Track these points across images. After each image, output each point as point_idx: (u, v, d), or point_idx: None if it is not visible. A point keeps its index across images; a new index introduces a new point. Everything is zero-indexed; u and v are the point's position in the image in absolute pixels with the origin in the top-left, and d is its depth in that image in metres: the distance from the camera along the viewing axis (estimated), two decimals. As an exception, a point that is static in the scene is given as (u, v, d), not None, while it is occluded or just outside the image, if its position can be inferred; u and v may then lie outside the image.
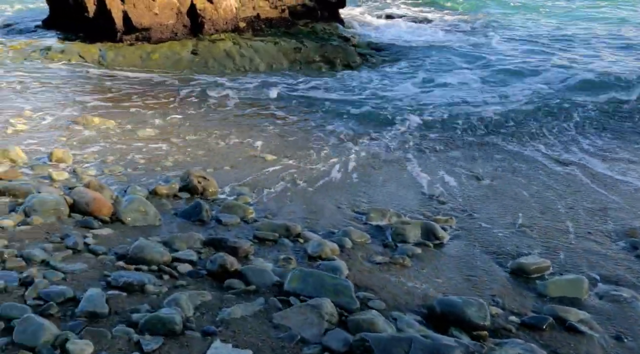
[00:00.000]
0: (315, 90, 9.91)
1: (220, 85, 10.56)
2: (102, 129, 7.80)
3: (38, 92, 9.71)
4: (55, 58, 11.86)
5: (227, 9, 12.59)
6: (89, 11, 12.34)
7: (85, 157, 6.60)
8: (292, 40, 12.30)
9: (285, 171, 6.53)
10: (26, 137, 7.32)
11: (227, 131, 7.98)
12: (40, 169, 6.12)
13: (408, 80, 10.44)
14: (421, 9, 18.90)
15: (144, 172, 6.24)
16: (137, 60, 11.74)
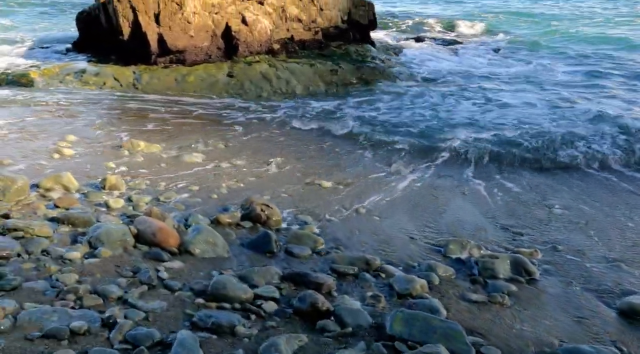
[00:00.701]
0: (364, 112, 9.72)
1: (262, 107, 10.43)
2: (149, 154, 7.65)
3: (78, 116, 9.63)
4: (90, 81, 11.83)
5: (262, 31, 12.54)
6: (123, 34, 12.34)
7: (138, 184, 6.42)
8: (327, 62, 12.20)
9: (344, 197, 6.30)
10: (74, 163, 7.17)
11: (275, 155, 7.78)
12: (94, 196, 5.95)
13: (462, 101, 10.22)
14: (446, 31, 18.84)
15: (200, 200, 6.03)
16: (172, 83, 11.67)
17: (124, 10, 12.22)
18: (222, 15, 12.49)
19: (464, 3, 28.55)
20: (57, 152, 7.44)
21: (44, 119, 9.27)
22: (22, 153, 7.38)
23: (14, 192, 5.73)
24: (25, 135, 8.27)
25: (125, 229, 4.70)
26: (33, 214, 5.44)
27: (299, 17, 13.27)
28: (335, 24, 13.84)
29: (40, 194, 5.94)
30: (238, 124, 9.42)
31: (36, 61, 13.73)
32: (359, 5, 14.54)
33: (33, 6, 23.51)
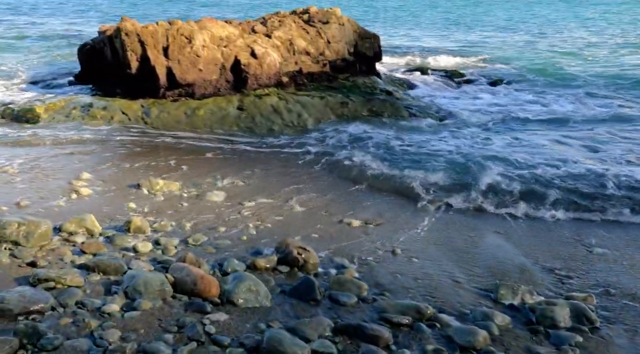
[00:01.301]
0: (384, 146, 9.65)
1: (276, 141, 10.31)
2: (168, 193, 7.45)
3: (90, 152, 9.44)
4: (98, 115, 11.66)
5: (271, 64, 12.53)
6: (131, 68, 12.25)
7: (163, 226, 6.21)
8: (338, 95, 12.17)
9: (376, 237, 6.14)
10: (93, 203, 6.96)
11: (297, 193, 7.62)
12: (120, 240, 5.73)
13: (486, 136, 10.12)
14: (447, 62, 19.02)
15: (230, 243, 5.83)
16: (182, 116, 11.55)
17: (132, 44, 12.16)
18: (231, 48, 12.48)
19: (452, 34, 29.03)
20: (75, 192, 7.23)
21: (56, 156, 9.07)
22: (38, 193, 7.17)
23: (38, 237, 5.51)
24: (38, 174, 8.06)
25: (163, 278, 4.49)
26: (59, 261, 5.22)
27: (307, 50, 13.30)
28: (343, 57, 13.89)
29: (63, 239, 5.72)
30: (254, 160, 9.27)
31: (39, 95, 13.58)
32: (365, 37, 14.63)
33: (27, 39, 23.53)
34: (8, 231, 5.45)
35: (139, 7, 42.53)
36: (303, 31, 13.81)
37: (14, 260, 5.12)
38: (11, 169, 8.14)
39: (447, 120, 11.79)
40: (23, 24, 29.18)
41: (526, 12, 42.66)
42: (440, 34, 28.84)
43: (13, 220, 5.53)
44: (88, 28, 28.20)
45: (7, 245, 5.41)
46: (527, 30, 30.93)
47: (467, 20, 36.33)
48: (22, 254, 5.22)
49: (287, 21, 14.31)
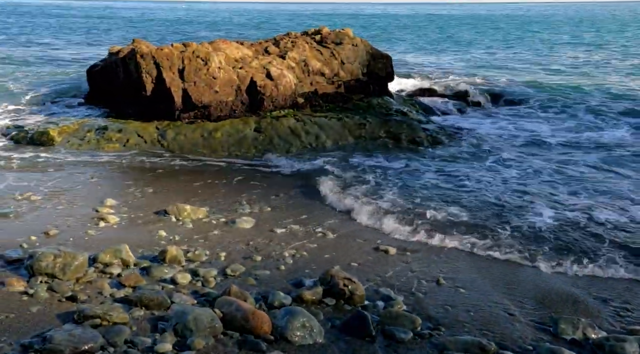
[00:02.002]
0: (410, 170, 9.58)
1: (297, 164, 10.20)
2: (197, 220, 7.30)
3: (109, 177, 9.31)
4: (113, 138, 11.55)
5: (287, 85, 12.48)
6: (146, 90, 12.18)
7: (197, 255, 6.05)
8: (355, 116, 12.11)
9: (416, 265, 6.01)
10: (121, 232, 6.81)
11: (327, 218, 7.50)
12: (157, 271, 5.57)
13: (518, 165, 9.97)
14: (455, 81, 19.05)
15: (268, 273, 5.69)
16: (199, 139, 11.45)
17: (148, 66, 12.09)
18: (247, 70, 12.44)
19: (455, 54, 29.22)
20: (102, 220, 7.08)
21: (77, 181, 8.93)
22: (65, 221, 7.02)
23: (74, 270, 5.35)
24: (62, 200, 7.91)
25: (213, 314, 4.33)
26: (98, 294, 5.07)
27: (321, 71, 13.28)
28: (357, 77, 13.87)
29: (99, 270, 5.56)
30: (278, 183, 9.15)
31: (51, 117, 13.49)
32: (378, 57, 14.65)
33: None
34: (44, 263, 5.30)
35: (139, 30, 42.84)
36: (317, 52, 13.82)
37: (53, 294, 4.96)
38: (34, 195, 7.99)
39: (465, 142, 11.72)
40: (19, 46, 29.28)
41: (526, 33, 43.12)
42: (443, 54, 29.03)
43: (48, 252, 5.38)
44: (85, 50, 28.29)
45: (43, 278, 5.26)
46: (529, 50, 31.19)
47: (468, 40, 36.62)
48: (60, 288, 5.06)
49: (300, 42, 14.32)
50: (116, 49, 16.21)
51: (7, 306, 4.68)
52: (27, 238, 6.37)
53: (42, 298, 4.87)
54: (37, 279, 5.23)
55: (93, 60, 19.99)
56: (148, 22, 50.00)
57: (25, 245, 6.16)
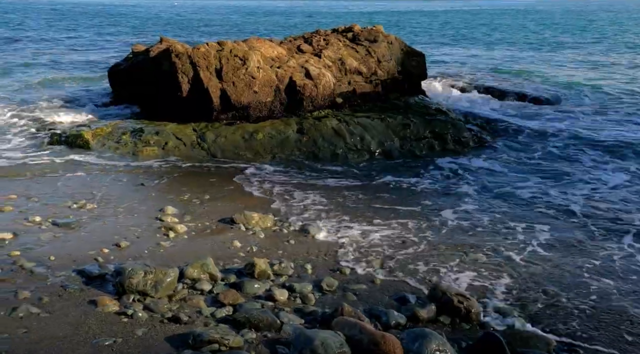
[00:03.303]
0: (485, 174, 9.37)
1: (352, 165, 9.91)
2: (267, 229, 7.01)
3: (159, 182, 8.97)
4: (151, 141, 11.18)
5: (326, 84, 12.17)
6: (182, 90, 11.83)
7: (283, 268, 5.75)
8: (398, 116, 11.82)
9: (523, 273, 5.75)
10: (195, 243, 6.50)
11: (405, 223, 7.22)
12: (249, 287, 5.28)
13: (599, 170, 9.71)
14: (484, 79, 18.79)
15: (365, 287, 5.39)
16: (240, 141, 11.12)
17: (184, 65, 11.75)
18: (285, 69, 12.12)
19: (483, 51, 28.93)
20: (170, 230, 6.77)
21: (125, 188, 8.60)
22: (131, 232, 6.69)
23: (166, 287, 5.07)
24: (118, 208, 7.59)
25: (341, 339, 4.04)
26: (198, 314, 4.78)
27: (359, 70, 12.97)
28: (393, 76, 13.58)
29: (189, 286, 5.27)
30: (337, 187, 8.85)
31: (79, 118, 13.13)
32: (412, 55, 14.35)
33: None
34: (135, 280, 5.00)
35: (146, 32, 42.29)
36: (352, 50, 13.50)
37: (151, 315, 4.66)
38: (89, 203, 7.66)
39: (510, 141, 11.47)
40: (30, 46, 28.80)
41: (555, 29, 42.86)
42: (466, 50, 28.69)
43: (138, 268, 5.09)
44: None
45: (134, 296, 4.98)
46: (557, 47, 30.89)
47: (496, 38, 36.17)
48: (158, 308, 4.77)
49: (333, 40, 14.00)
50: (141, 48, 15.87)
51: (109, 329, 4.39)
52: (99, 251, 6.06)
53: (142, 319, 4.58)
54: (129, 298, 4.94)
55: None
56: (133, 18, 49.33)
57: (100, 259, 5.86)
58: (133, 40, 28.42)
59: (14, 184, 8.52)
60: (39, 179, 8.88)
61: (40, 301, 4.78)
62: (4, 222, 6.84)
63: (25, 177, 8.97)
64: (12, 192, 8.07)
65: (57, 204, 7.65)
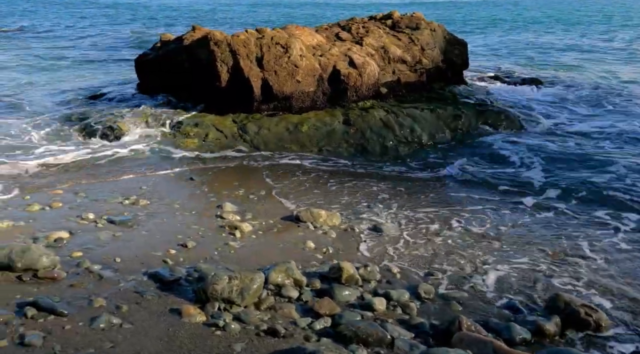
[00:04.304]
0: (540, 161, 8.83)
1: (411, 160, 9.39)
2: (336, 227, 6.51)
3: (208, 178, 8.47)
4: (191, 132, 10.70)
5: (371, 74, 11.62)
6: (221, 80, 11.32)
7: (370, 272, 5.22)
8: (447, 107, 11.26)
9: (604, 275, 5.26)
10: (265, 243, 6.00)
11: (483, 222, 6.72)
12: (340, 293, 4.78)
13: None
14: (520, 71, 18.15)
15: (467, 295, 4.88)
16: (284, 133, 10.61)
17: (223, 54, 11.22)
18: (328, 58, 11.58)
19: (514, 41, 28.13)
20: (235, 229, 6.29)
21: (174, 183, 8.14)
22: (194, 231, 6.22)
23: (253, 294, 4.59)
24: (172, 205, 7.10)
25: (471, 358, 3.58)
26: (294, 325, 4.29)
27: (403, 58, 12.41)
28: (437, 65, 13.02)
29: (274, 293, 4.80)
30: (399, 180, 8.33)
31: (110, 109, 12.64)
32: (454, 44, 13.77)
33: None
34: (219, 286, 4.52)
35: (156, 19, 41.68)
36: (394, 38, 12.93)
37: (244, 327, 4.18)
38: (141, 199, 7.20)
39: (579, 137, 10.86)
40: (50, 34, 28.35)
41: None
42: (501, 39, 27.84)
43: (222, 273, 4.61)
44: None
45: (219, 304, 4.50)
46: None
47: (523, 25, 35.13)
48: (249, 318, 4.29)
49: (372, 27, 13.44)
50: (169, 36, 15.35)
51: (203, 344, 3.91)
52: (165, 252, 5.59)
53: (235, 331, 4.10)
54: (214, 306, 4.46)
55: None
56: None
57: (169, 260, 5.40)
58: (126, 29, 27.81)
59: (57, 179, 8.08)
60: (81, 173, 8.44)
61: (118, 309, 4.32)
62: (56, 219, 6.40)
63: (68, 170, 8.55)
64: (57, 187, 7.65)
65: (107, 200, 7.19)
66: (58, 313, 4.18)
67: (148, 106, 12.82)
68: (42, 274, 4.88)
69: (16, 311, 4.21)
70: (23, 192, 7.42)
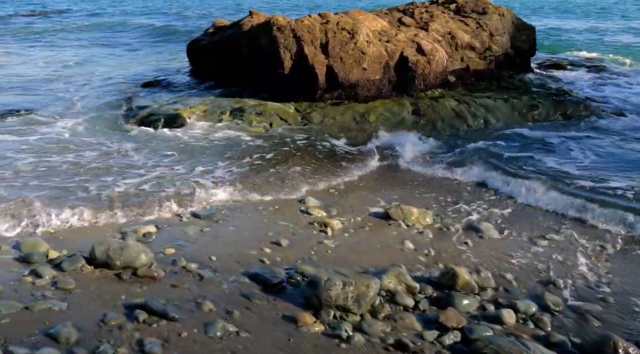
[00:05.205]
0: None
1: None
2: (430, 226, 6.13)
3: (283, 170, 8.02)
4: (254, 121, 10.41)
5: (440, 61, 11.11)
6: (284, 67, 10.97)
7: (484, 279, 4.84)
8: (522, 97, 10.69)
9: None
10: (359, 243, 5.65)
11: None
12: (461, 303, 4.43)
13: None
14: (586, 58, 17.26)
15: (601, 310, 4.46)
16: (351, 122, 10.22)
17: (286, 40, 10.86)
18: (395, 44, 11.11)
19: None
20: (326, 226, 5.96)
21: (247, 173, 7.84)
22: (282, 227, 5.90)
23: (369, 301, 4.27)
24: (252, 198, 6.84)
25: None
26: (420, 339, 3.95)
27: (471, 45, 11.84)
28: (506, 51, 12.40)
29: (387, 300, 4.46)
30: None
31: (167, 96, 12.40)
32: (522, 29, 13.09)
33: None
34: (333, 293, 4.20)
35: None
36: (461, 23, 12.35)
37: (368, 339, 3.85)
38: (220, 191, 6.95)
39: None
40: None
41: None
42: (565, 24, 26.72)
43: (334, 278, 4.30)
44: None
45: (334, 311, 4.19)
46: None
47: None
48: (371, 330, 3.97)
49: (436, 12, 12.86)
50: (224, 22, 15.06)
51: (330, 358, 3.62)
52: (259, 251, 5.31)
53: (359, 344, 3.78)
54: (328, 314, 4.15)
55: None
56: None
57: (266, 260, 5.11)
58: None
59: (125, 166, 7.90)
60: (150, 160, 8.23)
61: (230, 315, 4.05)
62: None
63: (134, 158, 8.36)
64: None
65: (186, 187, 6.97)
66: (170, 318, 3.93)
67: (205, 93, 12.63)
68: (142, 273, 4.65)
69: (125, 313, 3.98)
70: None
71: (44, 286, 4.32)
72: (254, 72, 11.92)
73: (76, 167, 7.68)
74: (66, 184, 6.94)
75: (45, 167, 7.59)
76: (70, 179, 7.15)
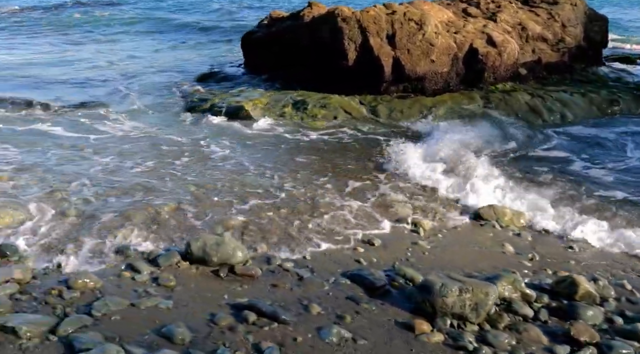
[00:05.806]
0: None
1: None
2: (526, 228, 5.77)
3: (359, 165, 7.85)
4: (319, 114, 10.18)
5: (511, 53, 10.63)
6: (348, 59, 10.68)
7: (604, 289, 4.45)
8: (601, 91, 10.15)
9: None
10: (450, 244, 5.35)
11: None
12: (586, 315, 4.09)
13: None
14: None
15: None
16: (417, 116, 9.90)
17: (351, 31, 10.55)
18: (464, 35, 10.69)
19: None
20: (419, 226, 5.68)
21: (317, 167, 7.62)
22: (374, 225, 5.68)
23: (487, 309, 3.97)
24: (320, 190, 6.61)
25: None
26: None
27: (543, 36, 11.30)
28: (579, 43, 11.82)
29: (503, 309, 4.13)
30: (564, 172, 7.45)
31: (224, 88, 12.27)
32: (594, 20, 12.45)
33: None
34: (449, 300, 3.92)
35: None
36: (531, 14, 11.81)
37: (496, 352, 3.58)
38: (286, 182, 6.72)
39: None
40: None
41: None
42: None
43: (450, 283, 4.02)
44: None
45: (450, 319, 3.92)
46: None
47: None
48: (497, 341, 3.68)
49: (503, 2, 12.34)
50: (280, 13, 14.85)
51: (461, 373, 3.35)
52: (353, 250, 5.04)
53: (493, 361, 3.52)
54: (445, 322, 3.88)
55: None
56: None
57: (362, 260, 4.85)
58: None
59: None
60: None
61: (342, 320, 3.81)
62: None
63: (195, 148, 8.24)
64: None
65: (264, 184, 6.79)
66: (281, 321, 3.73)
67: (262, 85, 12.47)
68: (240, 271, 4.48)
69: (232, 313, 3.80)
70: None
71: (145, 282, 4.19)
72: (314, 64, 11.66)
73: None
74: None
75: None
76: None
